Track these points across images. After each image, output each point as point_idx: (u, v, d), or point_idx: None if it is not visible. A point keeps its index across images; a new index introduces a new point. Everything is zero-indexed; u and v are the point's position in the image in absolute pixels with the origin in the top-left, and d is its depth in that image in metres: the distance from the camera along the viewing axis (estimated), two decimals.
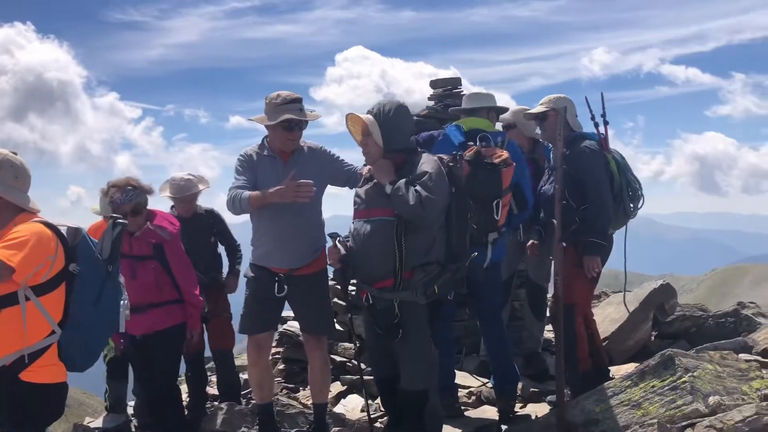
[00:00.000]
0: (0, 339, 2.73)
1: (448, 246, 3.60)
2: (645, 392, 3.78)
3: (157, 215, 4.45)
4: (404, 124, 3.71)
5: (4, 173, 2.87)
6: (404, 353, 3.64)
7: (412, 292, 3.50)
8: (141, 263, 4.28)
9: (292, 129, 4.10)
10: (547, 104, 4.64)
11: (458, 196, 3.59)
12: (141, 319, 4.23)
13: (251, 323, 4.30)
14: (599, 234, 4.43)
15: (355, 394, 5.41)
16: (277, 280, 4.17)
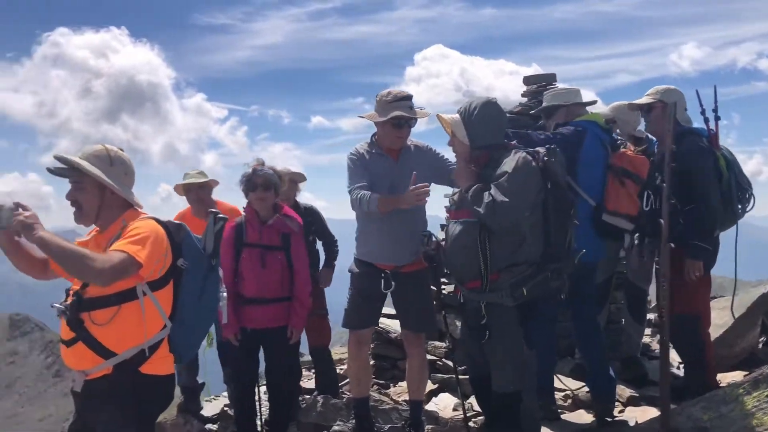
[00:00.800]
0: (122, 333, 2.80)
1: (546, 245, 3.46)
2: (758, 401, 3.60)
3: (285, 207, 4.56)
4: (491, 121, 3.59)
5: (117, 170, 2.94)
6: (492, 355, 3.59)
7: (498, 294, 3.43)
8: (270, 253, 4.38)
9: (401, 126, 4.13)
10: (655, 95, 4.47)
11: (555, 192, 3.44)
12: (263, 311, 4.36)
13: (355, 319, 4.37)
14: (705, 237, 4.26)
15: (447, 393, 5.39)
16: (384, 277, 4.21)
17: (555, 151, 3.48)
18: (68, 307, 2.77)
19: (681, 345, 4.63)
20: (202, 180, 5.44)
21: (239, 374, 4.59)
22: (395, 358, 6.16)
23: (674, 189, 4.19)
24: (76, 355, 2.80)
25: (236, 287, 4.39)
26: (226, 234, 4.35)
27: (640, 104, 4.56)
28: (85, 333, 2.76)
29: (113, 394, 2.81)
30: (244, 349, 4.42)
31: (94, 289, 2.74)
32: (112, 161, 2.93)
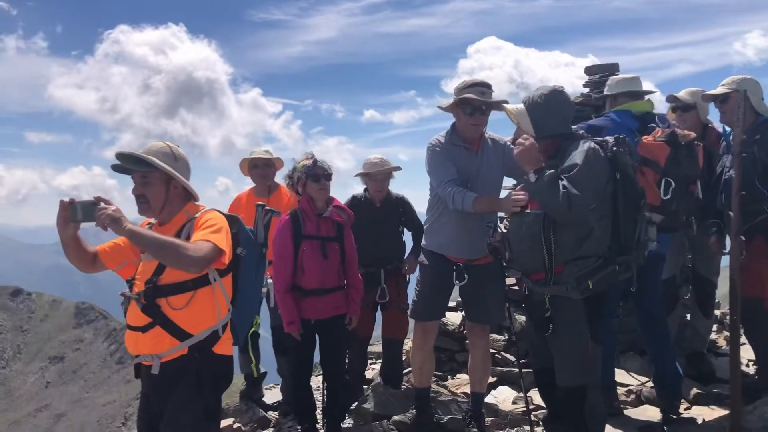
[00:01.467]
0: (198, 316, 2.99)
1: (615, 237, 3.35)
2: None
3: (335, 199, 4.60)
4: (557, 109, 3.49)
5: (180, 165, 3.11)
6: (557, 349, 3.53)
7: (563, 286, 3.35)
8: (329, 244, 4.43)
9: (473, 113, 4.07)
10: (730, 85, 4.36)
11: (625, 183, 3.32)
12: (325, 301, 4.41)
13: (424, 310, 4.40)
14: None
15: (506, 386, 5.37)
16: (456, 270, 4.22)
17: (624, 141, 3.37)
18: (142, 294, 2.94)
19: (755, 333, 4.49)
20: (269, 156, 5.54)
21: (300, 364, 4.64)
22: (453, 350, 6.15)
23: (759, 177, 4.11)
24: (152, 339, 2.96)
25: (295, 280, 4.42)
26: (282, 226, 4.41)
27: (716, 95, 4.43)
28: (162, 317, 2.94)
29: (188, 373, 2.99)
30: (305, 341, 4.47)
31: (170, 276, 2.92)
32: (176, 157, 3.10)
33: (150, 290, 2.93)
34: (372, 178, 5.17)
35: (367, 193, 5.30)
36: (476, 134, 4.19)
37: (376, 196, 5.22)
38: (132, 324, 3.01)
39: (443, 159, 4.15)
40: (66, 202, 2.83)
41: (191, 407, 3.00)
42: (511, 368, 5.52)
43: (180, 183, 3.06)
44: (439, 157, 4.17)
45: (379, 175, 5.17)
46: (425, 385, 4.58)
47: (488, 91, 4.07)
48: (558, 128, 3.48)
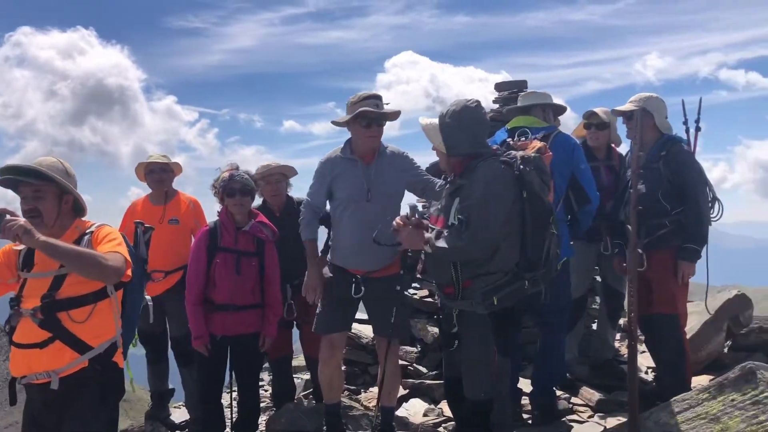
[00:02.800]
0: (98, 329, 3.03)
1: (523, 254, 3.33)
2: (724, 406, 3.64)
3: (260, 214, 4.52)
4: (469, 127, 3.39)
5: (72, 180, 3.13)
6: (463, 362, 3.57)
7: (469, 301, 3.37)
8: (246, 259, 4.34)
9: (370, 125, 4.05)
10: (636, 102, 4.51)
11: (532, 201, 3.28)
12: (235, 318, 4.31)
13: (327, 323, 4.29)
14: (700, 240, 4.34)
15: (417, 398, 5.38)
16: (354, 282, 4.16)
17: (530, 159, 3.31)
18: (39, 309, 2.92)
19: (660, 346, 4.66)
20: (166, 161, 5.37)
21: (208, 380, 4.51)
22: (366, 363, 6.14)
23: (663, 192, 4.31)
24: (51, 354, 2.95)
25: (206, 293, 4.34)
26: (199, 237, 4.34)
27: (623, 111, 4.60)
28: (63, 331, 2.95)
29: (91, 385, 3.02)
30: (213, 357, 4.36)
31: (69, 290, 2.94)
32: (68, 173, 3.12)
33: (48, 305, 2.92)
34: (266, 181, 4.98)
35: (266, 202, 5.12)
36: (373, 146, 4.15)
37: (272, 201, 5.03)
38: (24, 342, 2.95)
39: (319, 178, 4.23)
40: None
41: (97, 419, 3.05)
42: (423, 380, 5.55)
43: (71, 198, 3.07)
44: (317, 175, 4.26)
45: (271, 176, 4.98)
46: (335, 400, 4.51)
47: (381, 103, 4.08)
48: (467, 148, 3.39)
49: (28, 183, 2.97)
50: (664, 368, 4.66)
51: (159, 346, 5.48)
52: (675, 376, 4.42)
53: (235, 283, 4.30)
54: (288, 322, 5.01)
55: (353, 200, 4.12)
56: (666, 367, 4.61)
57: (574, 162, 4.34)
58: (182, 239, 5.20)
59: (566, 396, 4.97)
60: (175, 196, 5.45)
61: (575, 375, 5.28)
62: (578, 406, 4.88)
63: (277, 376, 5.33)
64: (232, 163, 4.54)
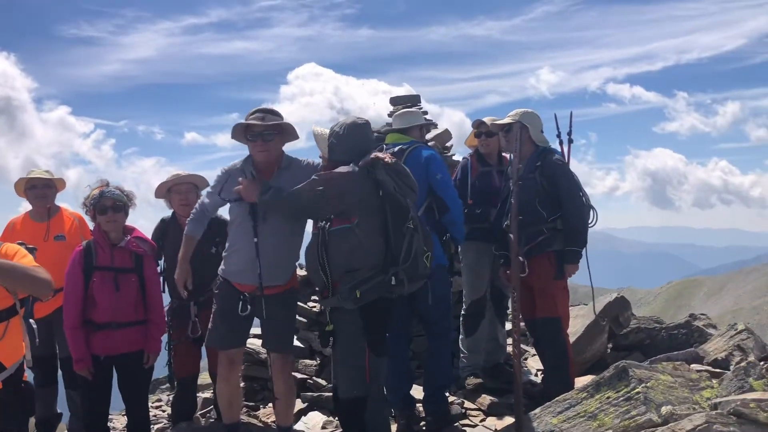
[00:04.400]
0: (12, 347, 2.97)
1: (387, 250, 3.60)
2: (600, 403, 3.84)
3: (136, 230, 4.41)
4: (351, 140, 3.80)
5: None
6: (336, 361, 3.73)
7: (336, 297, 3.57)
8: (124, 276, 4.23)
9: (254, 140, 4.00)
10: (514, 116, 4.75)
11: (388, 199, 3.63)
12: (118, 336, 4.19)
13: (218, 338, 4.22)
14: (579, 241, 4.57)
15: (316, 411, 5.38)
16: (242, 299, 4.09)
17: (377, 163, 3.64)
18: None
19: (545, 348, 4.85)
20: (49, 176, 5.17)
21: (93, 404, 4.34)
22: (265, 379, 6.07)
23: (540, 200, 4.52)
24: None
25: (86, 313, 4.21)
26: (73, 259, 4.19)
27: (501, 124, 4.81)
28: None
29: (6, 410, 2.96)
30: (97, 379, 4.22)
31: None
32: None
33: None
34: (174, 190, 4.87)
35: (175, 214, 4.99)
36: (265, 160, 4.09)
37: (181, 212, 4.87)
38: None
39: (215, 185, 4.24)
40: None
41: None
42: (322, 392, 5.55)
43: None
44: (215, 181, 4.26)
45: (181, 186, 4.86)
46: (236, 419, 4.43)
47: (270, 117, 4.02)
48: (344, 156, 3.76)
49: None
50: (550, 370, 4.87)
51: (47, 369, 5.23)
52: (559, 377, 4.63)
53: (116, 300, 4.20)
54: (196, 339, 4.88)
55: (243, 217, 4.05)
56: (551, 368, 4.83)
57: (429, 173, 4.46)
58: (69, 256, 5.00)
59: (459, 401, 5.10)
60: (58, 212, 5.26)
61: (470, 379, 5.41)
62: (471, 410, 5.02)
63: (180, 393, 5.19)
64: (103, 179, 4.44)
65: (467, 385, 5.36)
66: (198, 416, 5.62)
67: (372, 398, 3.67)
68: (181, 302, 4.82)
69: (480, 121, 5.37)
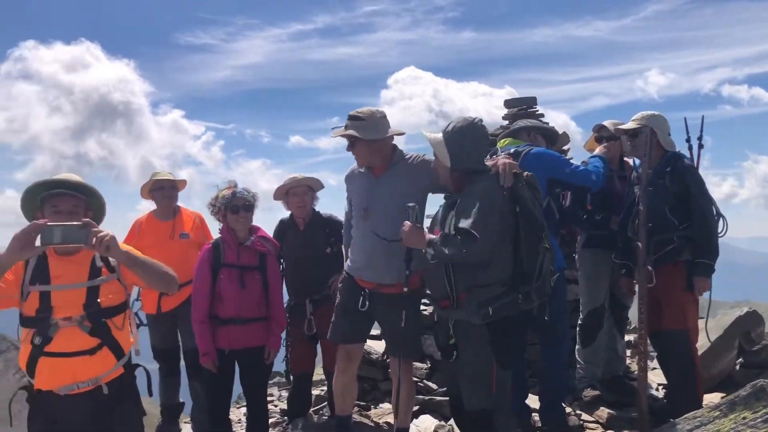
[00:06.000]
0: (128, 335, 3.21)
1: (517, 267, 3.40)
2: (735, 424, 3.61)
3: (260, 229, 4.58)
4: (472, 143, 3.53)
5: None
6: (461, 373, 3.60)
7: (464, 312, 3.42)
8: (249, 273, 4.38)
9: (351, 147, 4.10)
10: (640, 120, 4.57)
11: (525, 215, 3.39)
12: (241, 331, 4.34)
13: (341, 332, 4.30)
14: (711, 254, 4.34)
15: (428, 415, 5.37)
16: (362, 295, 4.15)
17: (521, 175, 3.45)
18: (86, 317, 3.01)
19: (670, 362, 4.63)
20: (173, 178, 5.45)
21: (216, 395, 4.53)
22: (376, 379, 6.13)
23: (670, 207, 4.31)
24: (98, 361, 3.05)
25: (212, 309, 4.38)
26: (202, 256, 4.38)
27: (626, 129, 4.64)
28: (110, 338, 3.09)
29: (128, 391, 3.18)
30: (221, 371, 4.39)
31: (109, 298, 3.07)
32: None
33: (95, 313, 3.02)
34: (291, 193, 4.98)
35: (292, 216, 5.11)
36: (365, 164, 4.16)
37: (298, 213, 4.98)
38: (69, 350, 2.98)
39: (347, 187, 4.39)
40: (40, 224, 2.72)
41: (136, 424, 3.23)
42: (433, 396, 5.54)
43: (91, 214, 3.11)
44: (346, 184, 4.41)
45: (298, 188, 4.96)
46: (347, 412, 4.51)
47: (350, 123, 4.04)
48: (471, 163, 3.52)
49: (71, 197, 3.05)
50: (675, 385, 4.63)
51: (172, 360, 5.52)
52: (686, 393, 4.40)
53: (241, 296, 4.34)
54: (311, 337, 5.00)
55: (357, 213, 4.18)
56: (677, 383, 4.59)
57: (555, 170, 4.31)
58: (193, 253, 5.25)
59: (576, 413, 4.95)
60: (180, 211, 5.53)
61: (587, 391, 5.26)
62: (588, 423, 4.87)
63: (296, 390, 5.33)
64: (231, 180, 4.59)
65: (584, 397, 5.21)
66: (311, 413, 5.76)
67: (499, 411, 3.59)
68: (298, 300, 4.96)
69: (601, 125, 5.21)
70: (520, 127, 4.74)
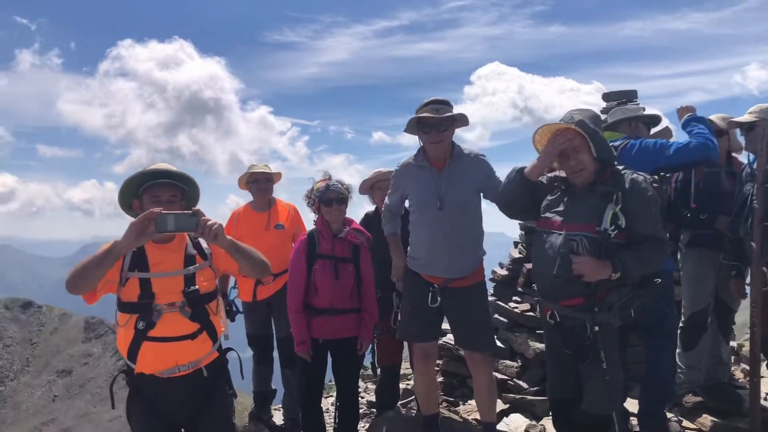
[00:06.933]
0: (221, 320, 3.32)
1: None
2: None
3: (353, 221, 4.62)
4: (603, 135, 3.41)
5: None
6: (593, 376, 3.36)
7: (608, 313, 3.24)
8: (343, 264, 4.42)
9: (429, 131, 4.01)
10: (757, 113, 4.32)
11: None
12: (335, 322, 4.38)
13: (410, 331, 4.30)
14: None
15: (518, 414, 5.27)
16: (432, 291, 4.11)
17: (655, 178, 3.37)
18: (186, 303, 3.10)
19: None
20: (269, 170, 5.57)
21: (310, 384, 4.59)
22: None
23: None
24: (199, 345, 3.16)
25: (307, 299, 4.43)
26: (298, 246, 4.44)
27: (741, 122, 4.39)
28: (208, 322, 3.20)
29: (222, 374, 3.30)
30: (314, 361, 4.44)
31: (206, 284, 3.17)
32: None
33: (195, 298, 3.12)
34: (376, 187, 5.04)
35: (377, 209, 5.16)
36: (438, 152, 4.08)
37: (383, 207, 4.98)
38: (173, 335, 3.08)
39: (394, 185, 4.42)
40: (156, 211, 2.82)
41: (231, 405, 3.35)
42: (524, 395, 5.44)
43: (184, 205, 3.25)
44: (392, 182, 4.42)
45: (383, 182, 5.00)
46: (432, 411, 4.49)
47: (444, 107, 3.99)
48: (612, 155, 3.40)
49: (172, 186, 3.14)
50: None
51: (266, 348, 5.65)
52: None
53: (335, 287, 4.37)
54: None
55: (424, 208, 4.11)
56: None
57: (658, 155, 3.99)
58: (287, 243, 5.37)
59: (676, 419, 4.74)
60: (275, 203, 5.65)
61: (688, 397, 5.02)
62: (690, 430, 4.65)
63: (384, 382, 5.36)
64: (326, 172, 4.63)
65: (685, 403, 4.97)
66: (399, 406, 5.77)
67: (617, 416, 3.42)
68: (384, 293, 4.97)
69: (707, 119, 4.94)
70: (620, 119, 4.53)
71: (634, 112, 4.61)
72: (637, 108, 4.72)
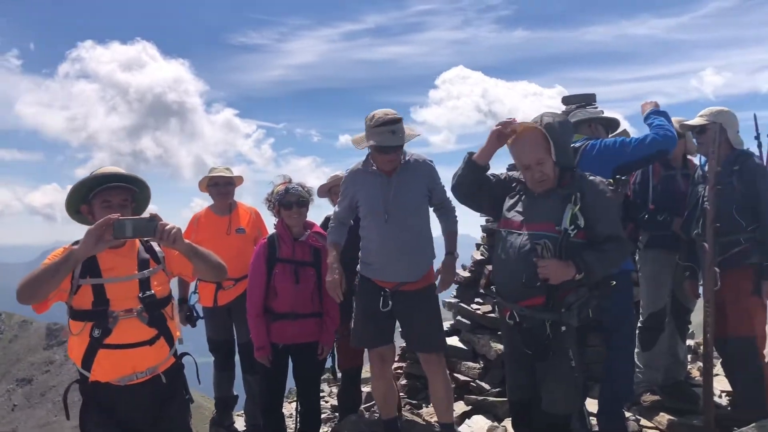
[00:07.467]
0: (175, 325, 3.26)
1: None
2: None
3: (315, 225, 4.60)
4: (569, 139, 3.51)
5: None
6: (550, 375, 3.39)
7: (567, 313, 3.25)
8: (303, 269, 4.39)
9: (387, 152, 3.99)
10: (708, 117, 4.40)
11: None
12: (295, 326, 4.35)
13: (364, 336, 4.31)
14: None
15: (480, 415, 5.29)
16: (383, 295, 4.12)
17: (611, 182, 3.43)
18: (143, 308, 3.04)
19: (736, 370, 4.47)
20: (230, 174, 5.51)
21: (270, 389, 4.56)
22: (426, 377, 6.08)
23: (737, 208, 4.15)
24: (156, 351, 3.10)
25: (267, 303, 4.40)
26: (258, 250, 4.41)
27: (693, 125, 4.48)
28: (165, 327, 3.14)
29: (179, 379, 3.23)
30: (275, 366, 4.41)
31: (161, 289, 3.12)
32: None
33: (152, 303, 3.06)
34: (334, 191, 5.01)
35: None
36: (390, 168, 4.10)
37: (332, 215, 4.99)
38: (130, 341, 3.00)
39: (343, 191, 4.32)
40: (113, 218, 2.76)
41: (188, 412, 3.27)
42: (486, 396, 5.47)
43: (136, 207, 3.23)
44: (342, 188, 4.35)
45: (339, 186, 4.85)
46: (392, 415, 4.49)
47: (399, 126, 3.95)
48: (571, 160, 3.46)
49: (123, 190, 3.09)
50: (742, 393, 4.45)
51: (226, 353, 5.60)
52: (752, 401, 4.22)
53: (295, 292, 4.35)
54: None
55: (374, 214, 4.11)
56: (743, 391, 4.41)
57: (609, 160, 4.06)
58: (248, 248, 5.32)
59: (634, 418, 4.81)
60: (236, 207, 5.60)
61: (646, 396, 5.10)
62: (648, 429, 4.72)
63: (345, 386, 5.34)
64: (286, 175, 4.62)
65: (643, 402, 5.05)
66: (362, 409, 5.76)
67: (575, 417, 3.46)
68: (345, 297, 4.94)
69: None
70: (580, 119, 4.58)
71: (593, 114, 4.68)
72: (596, 111, 4.80)
